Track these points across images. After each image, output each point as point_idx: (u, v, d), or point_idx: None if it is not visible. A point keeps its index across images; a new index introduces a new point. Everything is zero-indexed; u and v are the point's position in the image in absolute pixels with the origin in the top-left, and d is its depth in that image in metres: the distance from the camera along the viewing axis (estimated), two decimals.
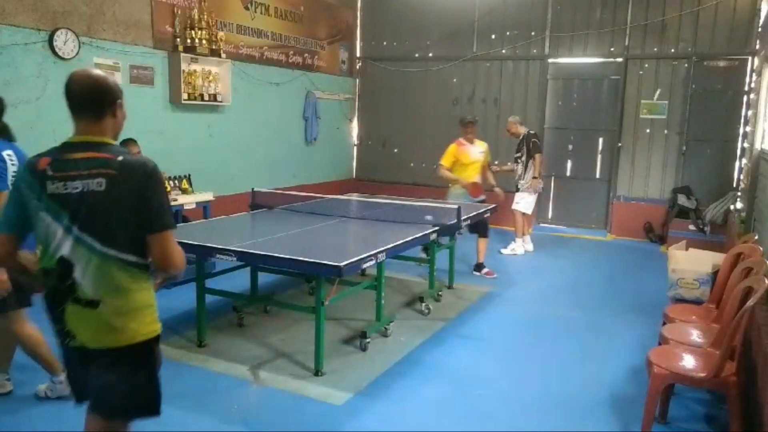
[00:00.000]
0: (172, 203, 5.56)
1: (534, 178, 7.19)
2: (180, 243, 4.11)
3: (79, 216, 1.92)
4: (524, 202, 7.29)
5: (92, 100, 1.99)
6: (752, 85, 7.39)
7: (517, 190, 7.38)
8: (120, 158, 1.95)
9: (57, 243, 1.94)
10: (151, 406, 2.16)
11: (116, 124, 2.10)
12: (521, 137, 7.32)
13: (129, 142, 5.81)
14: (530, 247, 7.55)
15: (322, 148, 9.29)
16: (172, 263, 2.00)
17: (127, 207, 1.92)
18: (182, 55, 6.50)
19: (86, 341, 2.00)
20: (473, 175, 6.35)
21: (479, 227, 6.11)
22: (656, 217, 8.24)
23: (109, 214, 1.93)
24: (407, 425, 3.23)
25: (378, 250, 3.85)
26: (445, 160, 6.38)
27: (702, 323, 3.67)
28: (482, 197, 6.33)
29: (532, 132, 7.40)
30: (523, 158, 7.25)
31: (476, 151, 6.42)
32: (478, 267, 6.34)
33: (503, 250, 7.39)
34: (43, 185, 1.93)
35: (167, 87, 6.55)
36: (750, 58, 7.65)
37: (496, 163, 8.32)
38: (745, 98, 7.76)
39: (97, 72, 2.07)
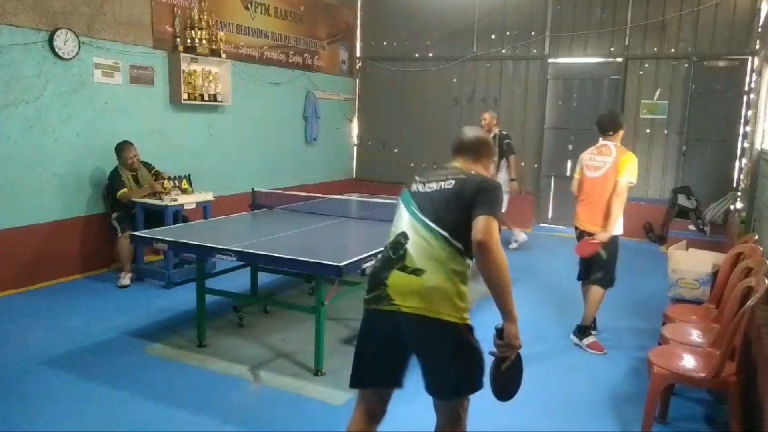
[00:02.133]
0: (172, 203, 5.57)
1: (512, 180, 7.21)
2: (180, 243, 4.14)
3: (423, 204, 2.35)
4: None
5: (473, 148, 2.56)
6: (752, 85, 7.39)
7: None
8: (471, 173, 2.42)
9: (400, 223, 2.38)
10: (464, 385, 2.31)
11: (483, 172, 2.54)
12: (493, 136, 7.10)
13: (125, 144, 5.80)
14: (523, 236, 7.67)
15: (322, 148, 9.29)
16: (480, 234, 2.17)
17: (460, 201, 2.28)
18: (182, 55, 6.50)
19: (402, 304, 2.22)
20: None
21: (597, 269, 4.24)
22: (656, 217, 8.24)
23: (445, 203, 2.30)
24: (407, 425, 3.23)
25: (378, 250, 3.84)
26: (635, 174, 4.21)
27: (702, 323, 3.67)
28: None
29: (504, 132, 7.35)
30: (495, 158, 7.14)
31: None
32: (583, 330, 4.37)
33: (511, 246, 7.48)
34: (409, 186, 2.47)
35: (167, 87, 6.55)
36: (750, 58, 7.65)
37: None
38: (745, 98, 7.76)
39: (484, 133, 2.71)
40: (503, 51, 9.09)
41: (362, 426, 2.43)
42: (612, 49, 8.43)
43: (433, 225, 2.27)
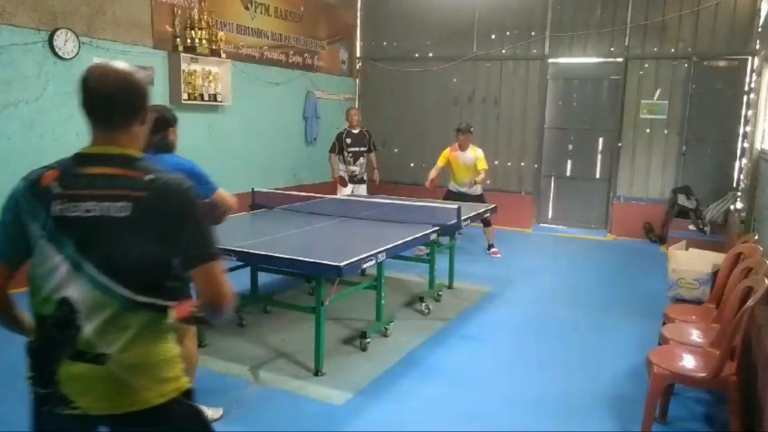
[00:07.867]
0: None
1: (375, 168, 7.70)
2: None
3: (92, 246, 1.49)
4: None
5: (118, 102, 1.55)
6: (752, 85, 7.39)
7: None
8: (150, 177, 1.52)
9: (58, 281, 1.50)
10: None
11: (144, 134, 1.63)
12: (360, 131, 7.39)
13: None
14: None
15: (322, 148, 9.26)
16: (225, 300, 1.58)
17: (157, 237, 1.51)
18: (182, 55, 6.50)
19: (88, 407, 1.53)
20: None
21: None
22: (656, 217, 8.23)
23: (131, 245, 1.49)
24: (407, 425, 3.23)
25: (378, 250, 3.85)
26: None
27: (702, 323, 3.67)
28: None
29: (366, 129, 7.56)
30: (366, 154, 7.48)
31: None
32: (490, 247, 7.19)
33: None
34: (46, 205, 1.50)
35: (167, 87, 6.54)
36: (750, 58, 7.65)
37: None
38: (745, 98, 7.75)
39: (125, 66, 1.58)
40: (503, 51, 9.09)
41: None
42: (612, 49, 8.43)
43: (112, 284, 1.49)
